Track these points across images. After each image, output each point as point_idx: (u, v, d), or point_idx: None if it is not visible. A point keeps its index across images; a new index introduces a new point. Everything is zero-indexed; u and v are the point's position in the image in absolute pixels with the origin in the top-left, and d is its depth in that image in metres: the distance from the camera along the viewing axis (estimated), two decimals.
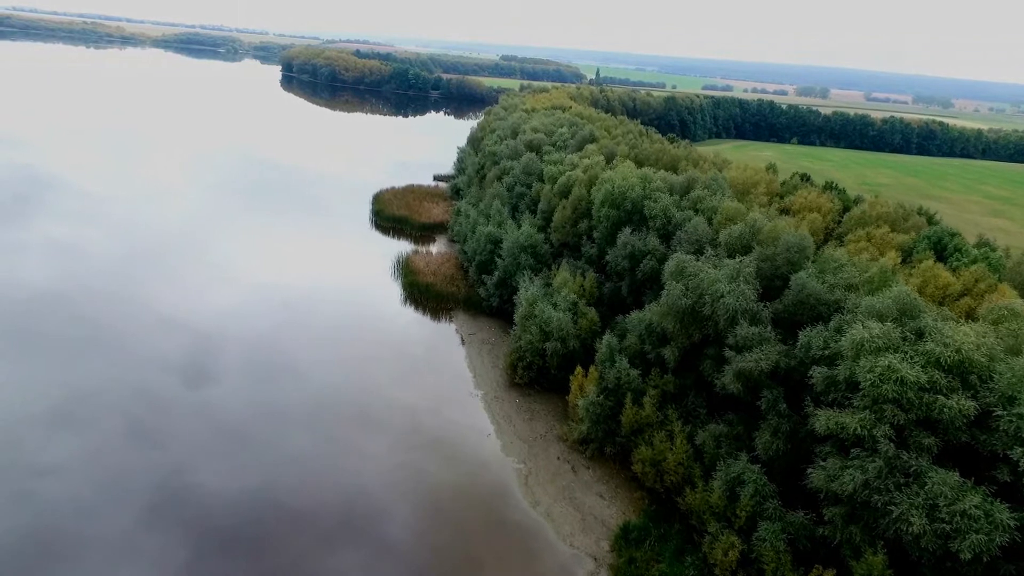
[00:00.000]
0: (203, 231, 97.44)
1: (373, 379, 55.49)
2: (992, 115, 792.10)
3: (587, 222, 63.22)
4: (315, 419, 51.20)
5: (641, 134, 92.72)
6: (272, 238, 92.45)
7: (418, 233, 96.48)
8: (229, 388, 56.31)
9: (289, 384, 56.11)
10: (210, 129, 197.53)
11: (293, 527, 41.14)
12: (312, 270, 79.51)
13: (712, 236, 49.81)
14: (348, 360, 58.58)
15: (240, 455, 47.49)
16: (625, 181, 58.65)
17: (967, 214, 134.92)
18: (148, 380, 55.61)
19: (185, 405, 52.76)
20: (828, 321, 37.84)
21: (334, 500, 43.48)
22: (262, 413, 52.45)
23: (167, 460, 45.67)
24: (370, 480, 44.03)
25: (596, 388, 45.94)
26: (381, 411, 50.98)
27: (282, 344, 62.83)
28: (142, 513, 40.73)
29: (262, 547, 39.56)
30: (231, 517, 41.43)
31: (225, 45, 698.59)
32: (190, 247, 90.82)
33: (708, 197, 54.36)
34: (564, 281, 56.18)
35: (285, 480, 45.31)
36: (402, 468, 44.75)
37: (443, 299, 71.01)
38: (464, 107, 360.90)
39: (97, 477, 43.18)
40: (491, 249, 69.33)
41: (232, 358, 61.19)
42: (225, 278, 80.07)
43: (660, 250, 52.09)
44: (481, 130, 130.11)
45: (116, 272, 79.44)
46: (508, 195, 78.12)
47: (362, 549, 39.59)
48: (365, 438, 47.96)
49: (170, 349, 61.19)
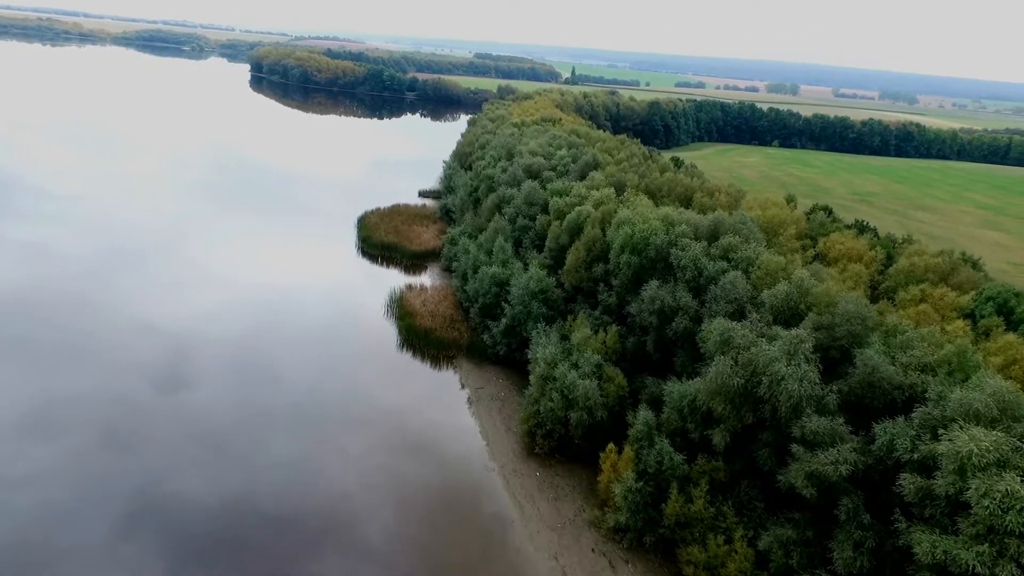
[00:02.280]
0: (176, 238, 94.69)
1: (384, 465, 50.08)
2: (956, 111, 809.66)
3: (603, 266, 58.41)
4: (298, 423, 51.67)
5: (645, 157, 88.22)
6: (250, 269, 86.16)
7: (409, 262, 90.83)
8: (208, 393, 55.97)
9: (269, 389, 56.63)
10: (180, 132, 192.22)
11: (275, 533, 41.01)
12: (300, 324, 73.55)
13: (752, 294, 45.36)
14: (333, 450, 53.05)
15: (220, 461, 47.36)
16: (647, 225, 53.91)
17: (961, 226, 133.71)
18: (125, 386, 55.12)
19: (163, 411, 52.37)
20: (905, 409, 33.68)
21: (317, 505, 43.57)
22: (243, 417, 52.51)
23: (145, 468, 45.47)
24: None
25: (633, 470, 41.21)
26: (409, 493, 45.65)
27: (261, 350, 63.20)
28: (120, 522, 40.44)
29: (244, 554, 39.37)
30: (211, 524, 41.21)
31: (190, 43, 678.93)
32: (164, 250, 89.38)
33: (741, 246, 49.87)
34: (585, 339, 51.28)
35: (266, 486, 45.19)
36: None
37: (444, 346, 65.64)
38: (441, 109, 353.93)
39: (73, 487, 42.79)
40: (496, 292, 64.17)
41: (210, 362, 60.86)
42: (202, 282, 78.98)
43: (693, 307, 47.48)
44: (469, 145, 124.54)
45: (88, 275, 78.21)
46: (510, 227, 72.92)
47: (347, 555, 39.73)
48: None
49: (146, 353, 60.72)
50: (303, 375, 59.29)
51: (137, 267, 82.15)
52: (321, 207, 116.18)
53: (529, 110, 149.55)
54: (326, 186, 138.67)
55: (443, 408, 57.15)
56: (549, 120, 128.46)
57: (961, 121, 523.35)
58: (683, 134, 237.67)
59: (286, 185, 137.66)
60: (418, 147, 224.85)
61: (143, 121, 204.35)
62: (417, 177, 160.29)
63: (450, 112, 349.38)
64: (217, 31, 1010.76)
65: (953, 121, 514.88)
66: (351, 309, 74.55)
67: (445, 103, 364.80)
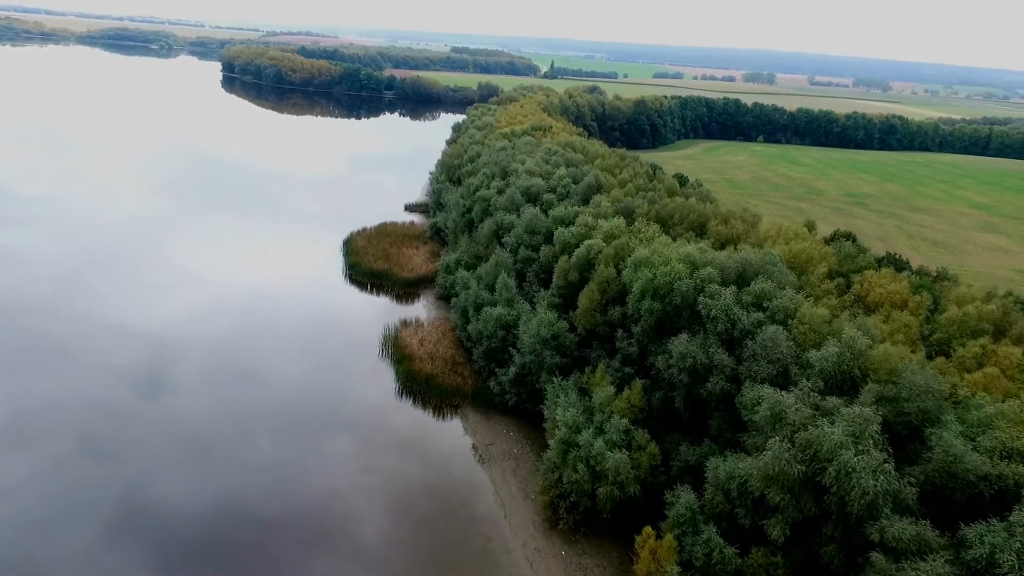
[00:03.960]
0: (147, 246, 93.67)
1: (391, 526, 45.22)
2: (928, 97, 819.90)
3: (619, 309, 53.89)
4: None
5: (650, 177, 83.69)
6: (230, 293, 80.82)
7: (401, 290, 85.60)
8: (189, 396, 56.04)
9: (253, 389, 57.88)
10: (152, 136, 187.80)
11: (263, 536, 41.09)
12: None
13: (796, 352, 41.14)
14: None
15: (204, 465, 47.24)
16: (668, 268, 49.43)
17: (960, 229, 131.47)
18: (102, 392, 54.77)
19: (143, 416, 52.12)
20: (995, 505, 29.69)
21: (305, 506, 44.19)
22: (226, 420, 53.20)
23: (127, 475, 45.01)
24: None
25: (676, 561, 36.89)
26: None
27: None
28: (103, 531, 39.89)
29: (232, 558, 39.12)
30: (197, 530, 40.89)
31: (158, 41, 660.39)
32: (136, 253, 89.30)
33: (776, 293, 45.63)
34: (608, 398, 46.78)
35: (253, 488, 45.44)
36: None
37: (447, 394, 60.78)
38: (420, 108, 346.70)
39: (53, 497, 42.15)
40: (502, 336, 59.40)
41: (190, 365, 61.15)
42: (178, 287, 79.04)
43: (729, 366, 43.18)
44: (457, 157, 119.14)
45: (60, 279, 77.77)
46: (512, 259, 68.05)
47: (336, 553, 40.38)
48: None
49: (124, 358, 60.63)
50: (285, 452, 51.68)
51: (110, 271, 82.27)
52: (306, 220, 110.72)
53: (517, 116, 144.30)
54: (308, 191, 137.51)
55: (451, 469, 52.33)
56: (540, 129, 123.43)
57: (936, 109, 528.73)
58: (669, 132, 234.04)
59: (266, 191, 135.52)
60: (397, 146, 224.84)
61: (113, 127, 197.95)
62: (400, 173, 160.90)
63: (429, 111, 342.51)
64: (186, 27, 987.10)
65: (929, 109, 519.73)
66: (343, 352, 69.28)
67: (424, 102, 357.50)
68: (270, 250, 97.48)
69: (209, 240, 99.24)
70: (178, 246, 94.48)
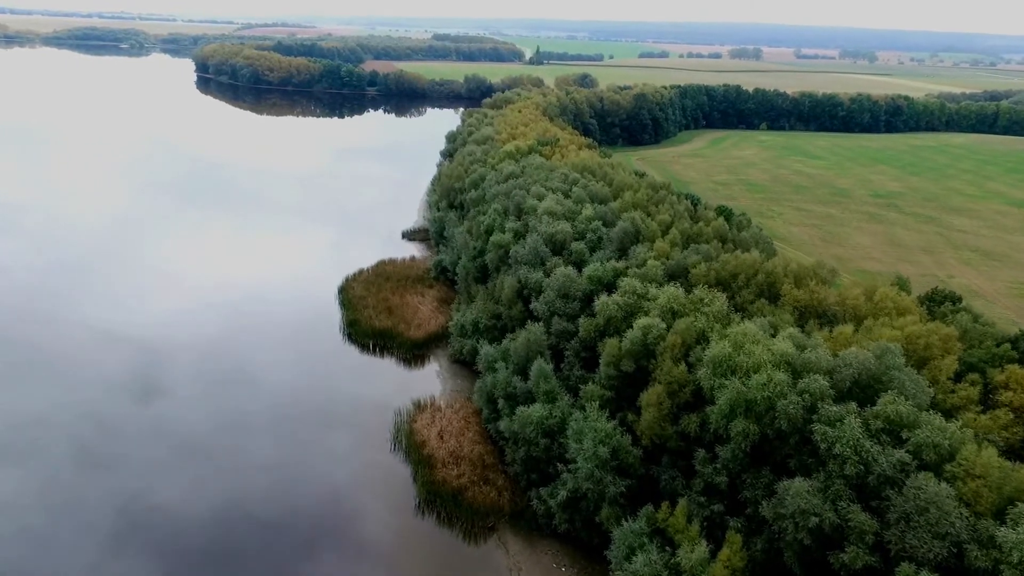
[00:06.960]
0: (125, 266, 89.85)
1: None
2: (915, 66, 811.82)
3: (696, 416, 43.24)
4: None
5: (691, 214, 72.42)
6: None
7: (409, 354, 74.41)
8: (182, 400, 55.97)
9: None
10: (127, 145, 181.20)
11: (268, 537, 41.09)
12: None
13: (972, 524, 30.68)
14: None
15: (203, 469, 46.99)
16: (764, 377, 38.78)
17: (1006, 233, 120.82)
18: (92, 400, 54.49)
19: (136, 423, 51.90)
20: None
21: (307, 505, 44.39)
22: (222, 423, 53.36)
23: (125, 483, 44.77)
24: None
25: None
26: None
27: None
28: (105, 541, 39.65)
29: (237, 561, 39.03)
30: (201, 534, 40.63)
31: (128, 39, 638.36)
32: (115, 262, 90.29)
33: (916, 418, 35.08)
34: (701, 561, 36.24)
35: (254, 490, 45.65)
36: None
37: (480, 513, 50.01)
38: (405, 103, 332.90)
39: (51, 509, 41.75)
40: (546, 446, 48.62)
41: (181, 368, 61.29)
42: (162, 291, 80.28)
43: (871, 531, 32.70)
44: (458, 179, 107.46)
45: (40, 286, 77.72)
46: (545, 334, 56.96)
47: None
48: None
49: (112, 365, 60.43)
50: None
51: (92, 275, 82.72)
52: (298, 258, 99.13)
53: (518, 126, 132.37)
54: (294, 199, 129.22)
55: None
56: (547, 143, 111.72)
57: (928, 81, 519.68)
58: (671, 125, 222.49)
59: (250, 204, 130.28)
60: (384, 142, 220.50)
61: (88, 133, 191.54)
62: (392, 169, 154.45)
63: (415, 107, 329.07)
64: (157, 23, 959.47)
65: (920, 81, 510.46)
66: (349, 447, 58.25)
67: (408, 97, 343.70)
68: (264, 283, 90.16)
69: (184, 318, 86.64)
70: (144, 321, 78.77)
